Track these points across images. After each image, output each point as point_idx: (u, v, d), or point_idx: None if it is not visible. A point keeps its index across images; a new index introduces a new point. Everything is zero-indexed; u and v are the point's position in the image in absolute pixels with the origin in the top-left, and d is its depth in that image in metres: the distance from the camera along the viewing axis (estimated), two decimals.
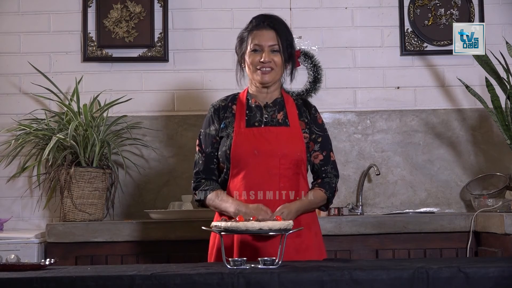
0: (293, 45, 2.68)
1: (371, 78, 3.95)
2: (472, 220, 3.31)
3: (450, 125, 3.92)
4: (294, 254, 2.50)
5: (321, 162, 2.67)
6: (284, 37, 2.64)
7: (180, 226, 3.29)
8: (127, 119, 3.78)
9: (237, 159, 2.57)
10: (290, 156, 2.57)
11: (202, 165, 2.66)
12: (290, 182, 2.57)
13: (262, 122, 2.63)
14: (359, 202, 3.83)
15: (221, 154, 2.62)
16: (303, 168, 2.62)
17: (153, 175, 3.84)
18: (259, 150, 2.56)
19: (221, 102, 2.73)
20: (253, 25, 2.66)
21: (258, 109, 2.66)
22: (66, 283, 1.86)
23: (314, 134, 2.68)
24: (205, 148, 2.66)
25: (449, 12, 3.94)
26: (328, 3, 3.97)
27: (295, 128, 2.63)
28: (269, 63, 2.60)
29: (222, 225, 2.11)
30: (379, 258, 3.30)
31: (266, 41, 2.62)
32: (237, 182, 2.58)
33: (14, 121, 3.75)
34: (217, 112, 2.70)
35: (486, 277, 1.89)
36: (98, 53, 3.87)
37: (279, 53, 2.62)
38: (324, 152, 2.68)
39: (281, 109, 2.67)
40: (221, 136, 2.65)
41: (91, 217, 3.49)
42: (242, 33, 2.70)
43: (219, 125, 2.67)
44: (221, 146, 2.63)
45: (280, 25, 2.66)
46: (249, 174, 2.56)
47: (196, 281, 1.85)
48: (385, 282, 1.88)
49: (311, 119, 2.70)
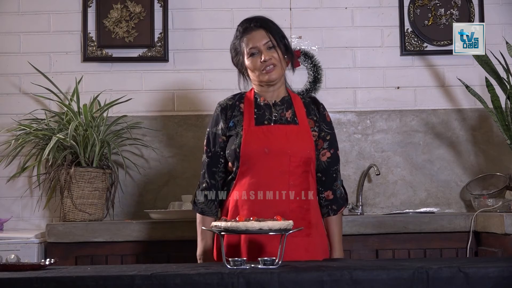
0: (285, 36, 2.69)
1: (371, 78, 3.95)
2: (472, 220, 3.31)
3: (450, 125, 3.92)
4: (304, 254, 2.50)
5: (328, 160, 2.68)
6: (275, 31, 2.65)
7: (180, 226, 3.29)
8: (127, 119, 3.78)
9: (246, 157, 2.56)
10: (300, 154, 2.57)
11: (207, 168, 2.68)
12: (299, 180, 2.57)
13: (272, 120, 2.63)
14: (359, 202, 3.83)
15: (230, 152, 2.61)
16: (312, 167, 2.62)
17: (153, 175, 3.84)
18: (269, 148, 2.56)
19: (228, 100, 2.72)
20: (241, 31, 2.67)
21: (267, 108, 2.66)
22: (66, 283, 1.86)
23: (323, 132, 2.69)
24: (212, 148, 2.67)
25: (449, 12, 3.94)
26: (328, 3, 3.97)
27: (304, 126, 2.63)
28: (270, 60, 2.60)
29: (222, 225, 2.11)
30: (379, 258, 3.29)
31: (259, 41, 2.62)
32: (246, 181, 2.57)
33: (14, 121, 3.75)
34: (224, 111, 2.69)
35: (486, 277, 1.89)
36: (98, 53, 3.87)
37: (275, 48, 2.62)
38: (331, 150, 2.69)
39: (289, 107, 2.67)
40: (229, 135, 2.64)
41: (91, 217, 3.49)
42: (233, 44, 2.72)
43: (226, 124, 2.66)
44: (229, 144, 2.63)
45: (267, 22, 2.67)
46: (259, 172, 2.55)
47: (196, 281, 1.85)
48: (385, 282, 1.88)
49: (320, 117, 2.70)
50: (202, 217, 2.67)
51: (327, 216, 2.68)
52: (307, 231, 2.52)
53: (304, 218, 2.54)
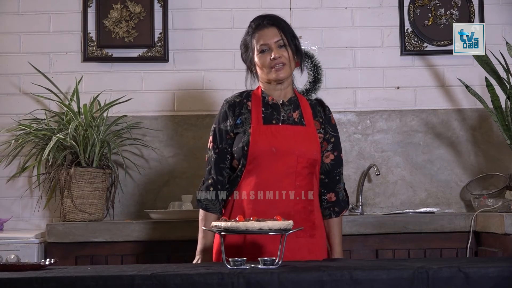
0: (296, 36, 2.69)
1: (371, 78, 3.95)
2: (472, 220, 3.31)
3: (450, 125, 3.92)
4: (307, 254, 2.51)
5: (332, 162, 2.68)
6: (287, 31, 2.65)
7: (180, 226, 3.29)
8: (127, 119, 3.78)
9: (254, 156, 2.55)
10: (307, 155, 2.57)
11: (214, 163, 2.63)
12: (305, 181, 2.57)
13: (280, 120, 2.63)
14: (359, 202, 3.83)
15: (237, 150, 2.59)
16: (317, 168, 2.63)
17: (153, 175, 3.84)
18: (277, 148, 2.55)
19: (236, 98, 2.69)
20: (254, 27, 2.66)
21: (275, 107, 2.65)
22: (66, 283, 1.86)
23: (328, 134, 2.69)
24: (219, 144, 2.64)
25: (449, 12, 3.94)
26: (328, 3, 3.97)
27: (310, 127, 2.64)
28: (280, 58, 2.60)
29: (222, 225, 2.11)
30: (379, 258, 3.29)
31: (271, 39, 2.61)
32: (252, 179, 2.56)
33: (14, 121, 3.75)
34: (232, 108, 2.66)
35: (486, 277, 1.89)
36: (98, 53, 3.87)
37: (286, 47, 2.62)
38: (335, 152, 2.69)
39: (296, 108, 2.67)
40: (236, 132, 2.63)
41: (91, 217, 3.49)
42: (244, 40, 2.70)
43: (234, 121, 2.64)
44: (236, 142, 2.61)
45: (280, 20, 2.67)
46: (265, 171, 2.55)
47: (196, 281, 1.85)
48: (385, 282, 1.88)
49: (326, 119, 2.71)
50: (206, 213, 2.62)
51: (328, 218, 2.68)
52: (311, 232, 2.53)
53: (308, 219, 2.54)
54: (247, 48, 2.68)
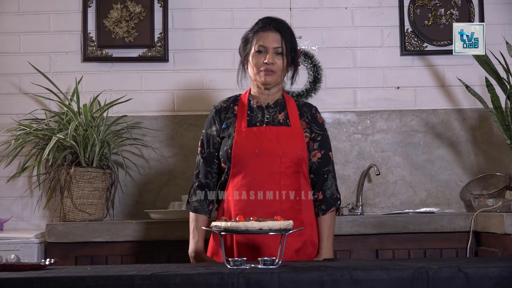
0: (296, 50, 2.70)
1: (371, 78, 3.95)
2: (472, 220, 3.31)
3: (450, 125, 3.92)
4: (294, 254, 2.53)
5: (319, 160, 2.69)
6: (289, 41, 2.66)
7: (180, 226, 3.29)
8: (127, 119, 3.78)
9: (238, 158, 2.59)
10: (291, 154, 2.59)
11: (201, 167, 2.72)
12: (290, 181, 2.59)
13: (264, 122, 2.66)
14: (359, 202, 3.83)
15: (223, 153, 2.65)
16: (304, 167, 2.64)
17: (153, 175, 3.84)
18: (260, 149, 2.58)
19: (223, 103, 2.76)
20: (259, 26, 2.68)
21: (259, 110, 2.68)
22: (66, 283, 1.86)
23: (314, 133, 2.70)
24: (206, 148, 2.71)
25: (449, 12, 3.94)
26: (328, 3, 3.97)
27: (296, 127, 2.66)
28: (272, 65, 2.61)
29: (222, 225, 2.11)
30: (379, 258, 3.29)
31: (271, 43, 2.63)
32: (238, 181, 2.60)
33: (14, 121, 3.75)
34: (219, 113, 2.72)
35: (486, 277, 1.89)
36: (98, 53, 3.87)
37: (283, 56, 2.63)
38: (322, 151, 2.70)
39: (282, 109, 2.69)
40: (222, 137, 2.68)
41: (91, 217, 3.49)
42: (247, 34, 2.72)
43: (220, 125, 2.70)
44: (222, 146, 2.67)
45: (286, 29, 2.68)
46: (250, 173, 2.58)
47: (196, 281, 1.85)
48: (385, 282, 1.88)
49: (312, 118, 2.72)
50: (196, 215, 2.70)
51: (317, 216, 2.70)
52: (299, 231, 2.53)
53: (296, 218, 2.54)
54: (247, 43, 2.70)
